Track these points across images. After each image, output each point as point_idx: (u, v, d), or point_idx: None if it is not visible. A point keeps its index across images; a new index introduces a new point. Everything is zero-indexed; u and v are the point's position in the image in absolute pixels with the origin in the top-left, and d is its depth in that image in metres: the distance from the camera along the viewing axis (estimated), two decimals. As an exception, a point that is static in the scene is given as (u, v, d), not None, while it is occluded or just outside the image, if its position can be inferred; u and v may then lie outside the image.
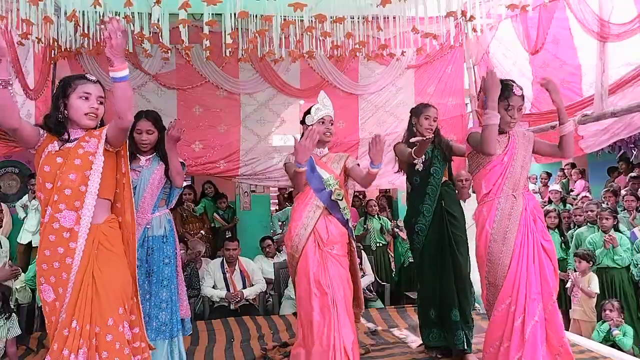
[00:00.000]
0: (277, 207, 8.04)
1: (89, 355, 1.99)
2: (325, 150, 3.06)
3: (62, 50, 4.23)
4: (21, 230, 5.39)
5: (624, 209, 5.57)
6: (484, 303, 2.84)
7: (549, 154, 2.95)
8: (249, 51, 4.42)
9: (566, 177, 8.54)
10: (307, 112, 3.03)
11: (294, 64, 4.94)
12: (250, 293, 4.71)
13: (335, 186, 2.93)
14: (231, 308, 4.64)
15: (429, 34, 4.41)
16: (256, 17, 4.17)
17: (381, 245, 6.06)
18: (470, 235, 3.19)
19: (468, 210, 3.41)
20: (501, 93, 2.62)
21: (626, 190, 6.01)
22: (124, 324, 2.10)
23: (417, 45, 4.91)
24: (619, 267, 4.62)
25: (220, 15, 3.83)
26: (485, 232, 2.71)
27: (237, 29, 4.06)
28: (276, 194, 8.19)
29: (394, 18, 4.19)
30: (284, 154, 5.07)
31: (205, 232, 6.18)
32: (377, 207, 6.26)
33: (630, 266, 4.65)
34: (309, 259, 2.86)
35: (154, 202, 2.96)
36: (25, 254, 5.30)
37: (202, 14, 3.70)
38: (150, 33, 3.99)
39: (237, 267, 4.80)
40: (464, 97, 5.42)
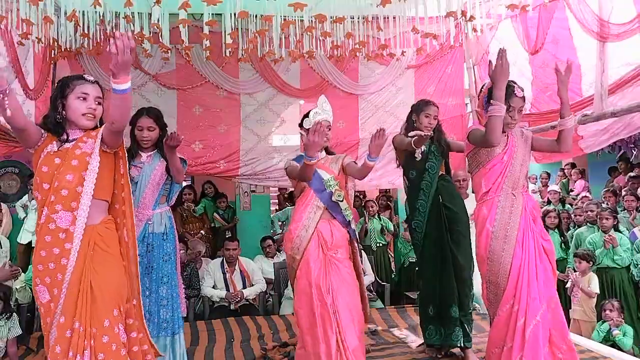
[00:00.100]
0: (277, 207, 8.05)
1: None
2: (323, 154, 3.05)
3: (62, 50, 4.23)
4: (21, 230, 5.39)
5: (624, 209, 5.57)
6: (484, 302, 2.82)
7: (547, 150, 2.94)
8: (249, 51, 4.41)
9: (566, 177, 8.54)
10: (306, 115, 3.03)
11: (294, 64, 4.93)
12: (250, 293, 4.72)
13: (336, 187, 2.93)
14: (231, 308, 4.65)
15: (429, 34, 4.41)
16: (256, 17, 4.16)
17: (381, 245, 6.07)
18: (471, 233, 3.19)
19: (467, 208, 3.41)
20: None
21: (626, 190, 6.01)
22: (119, 325, 2.08)
23: (417, 45, 4.90)
24: (619, 267, 4.63)
25: (220, 15, 3.83)
26: (486, 230, 2.70)
27: (237, 29, 4.06)
28: (276, 194, 8.19)
29: (394, 18, 4.19)
30: (284, 154, 5.08)
31: (205, 232, 6.18)
32: (376, 208, 6.26)
33: (631, 266, 4.65)
34: (310, 262, 2.82)
35: (155, 198, 2.97)
36: (25, 254, 5.30)
37: (202, 14, 3.70)
38: (150, 33, 3.98)
39: (237, 267, 4.81)
40: (464, 97, 5.41)
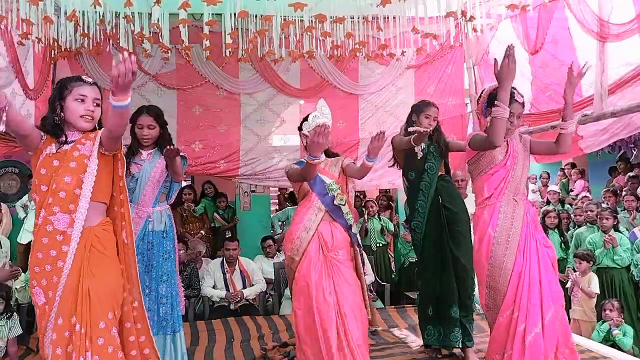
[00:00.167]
0: (277, 207, 8.05)
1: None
2: (323, 157, 3.05)
3: (62, 50, 4.23)
4: (21, 230, 5.39)
5: (624, 209, 5.57)
6: (482, 308, 2.81)
7: (545, 152, 2.93)
8: (249, 51, 4.41)
9: (566, 177, 8.54)
10: (305, 119, 3.03)
11: (294, 64, 4.94)
12: (250, 293, 4.72)
13: (338, 191, 2.93)
14: (231, 308, 4.65)
15: (429, 34, 4.41)
16: (256, 17, 4.17)
17: (381, 245, 6.07)
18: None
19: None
20: None
21: (626, 190, 6.01)
22: (113, 328, 2.07)
23: (417, 45, 4.91)
24: (619, 267, 4.62)
25: (220, 15, 3.83)
26: (487, 235, 2.68)
27: (237, 29, 4.06)
28: (276, 194, 8.19)
29: (394, 18, 4.19)
30: (284, 154, 5.08)
31: (205, 232, 6.18)
32: (376, 208, 6.26)
33: (631, 266, 4.65)
34: (310, 263, 2.81)
35: (155, 195, 2.96)
36: (25, 254, 5.28)
37: (202, 14, 3.70)
38: (150, 33, 3.98)
39: (237, 267, 4.81)
40: (464, 97, 5.42)
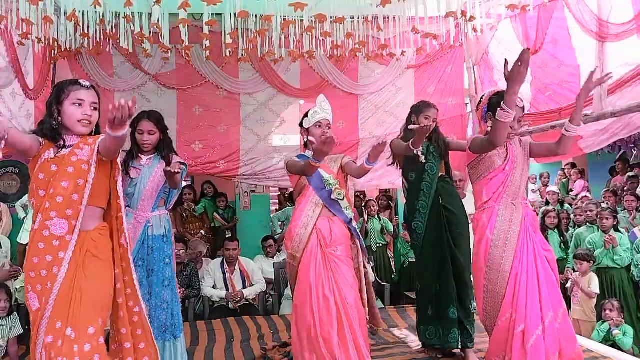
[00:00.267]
0: (277, 207, 8.05)
1: None
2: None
3: (62, 50, 4.23)
4: (21, 230, 5.39)
5: (624, 209, 5.57)
6: (480, 314, 2.78)
7: (545, 155, 2.92)
8: (249, 51, 4.41)
9: (566, 177, 8.54)
10: (306, 115, 3.04)
11: (294, 64, 4.93)
12: (250, 293, 4.72)
13: (336, 186, 2.93)
14: (231, 308, 4.65)
15: (429, 34, 4.41)
16: (256, 17, 4.16)
17: (381, 245, 6.08)
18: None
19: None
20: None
21: (626, 190, 6.01)
22: (101, 337, 2.04)
23: (417, 45, 4.90)
24: (618, 267, 4.63)
25: (220, 15, 3.83)
26: (486, 238, 2.69)
27: (237, 29, 4.06)
28: (276, 194, 8.19)
29: (394, 18, 4.19)
30: (284, 154, 5.07)
31: (205, 232, 6.19)
32: (376, 208, 6.26)
33: (631, 266, 4.65)
34: (310, 260, 2.82)
35: (154, 200, 2.96)
36: (25, 254, 5.26)
37: (202, 14, 3.70)
38: (150, 33, 3.98)
39: (237, 267, 4.81)
40: (464, 97, 5.41)
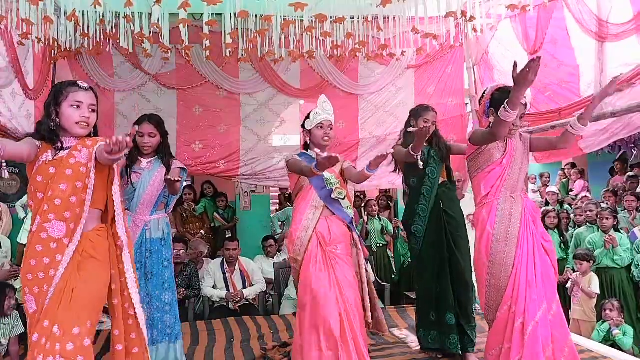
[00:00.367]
0: (277, 207, 8.05)
1: None
2: (325, 154, 3.06)
3: (62, 50, 4.22)
4: (21, 230, 5.39)
5: (624, 209, 5.57)
6: (482, 307, 2.81)
7: (546, 148, 2.93)
8: (249, 51, 4.41)
9: (566, 177, 8.55)
10: (307, 116, 3.04)
11: (294, 64, 4.93)
12: (250, 293, 4.72)
13: (337, 185, 2.94)
14: (231, 308, 4.65)
15: (429, 34, 4.41)
16: (256, 17, 4.16)
17: (381, 245, 6.08)
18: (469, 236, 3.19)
19: (464, 210, 3.42)
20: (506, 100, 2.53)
21: (626, 190, 6.01)
22: (87, 339, 2.00)
23: (417, 45, 4.90)
24: (618, 267, 4.63)
25: (220, 15, 3.83)
26: (487, 233, 2.69)
27: (237, 29, 4.05)
28: (276, 194, 8.19)
29: (394, 18, 4.19)
30: (284, 154, 5.07)
31: (205, 232, 6.19)
32: (377, 208, 6.26)
33: (632, 266, 4.65)
34: (311, 261, 2.83)
35: (153, 204, 2.97)
36: (25, 254, 5.30)
37: (202, 14, 3.70)
38: (150, 33, 3.97)
39: (237, 267, 4.81)
40: (464, 97, 5.40)
